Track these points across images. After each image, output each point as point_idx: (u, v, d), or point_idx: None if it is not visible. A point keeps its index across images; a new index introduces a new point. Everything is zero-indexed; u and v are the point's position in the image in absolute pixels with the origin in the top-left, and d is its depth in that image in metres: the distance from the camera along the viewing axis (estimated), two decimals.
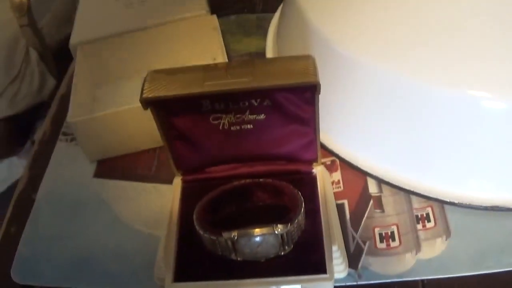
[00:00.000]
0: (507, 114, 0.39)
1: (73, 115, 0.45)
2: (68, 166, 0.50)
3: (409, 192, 0.44)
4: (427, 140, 0.42)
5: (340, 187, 0.45)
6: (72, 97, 0.47)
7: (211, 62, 0.54)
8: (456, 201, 0.43)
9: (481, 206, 0.43)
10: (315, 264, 0.39)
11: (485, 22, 0.41)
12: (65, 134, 0.53)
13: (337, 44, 0.43)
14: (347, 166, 0.46)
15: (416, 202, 0.44)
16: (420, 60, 0.40)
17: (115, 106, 0.46)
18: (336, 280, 0.39)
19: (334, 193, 0.45)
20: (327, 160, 0.47)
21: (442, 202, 0.44)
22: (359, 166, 0.45)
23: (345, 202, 0.45)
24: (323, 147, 0.46)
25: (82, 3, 0.60)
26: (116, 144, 0.48)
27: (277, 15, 0.59)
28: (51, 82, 1.03)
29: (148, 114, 0.39)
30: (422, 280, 0.41)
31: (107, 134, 0.47)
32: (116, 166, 0.49)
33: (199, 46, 0.53)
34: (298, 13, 0.47)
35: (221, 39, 0.52)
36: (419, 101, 0.41)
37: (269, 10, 0.61)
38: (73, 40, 0.56)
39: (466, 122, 0.40)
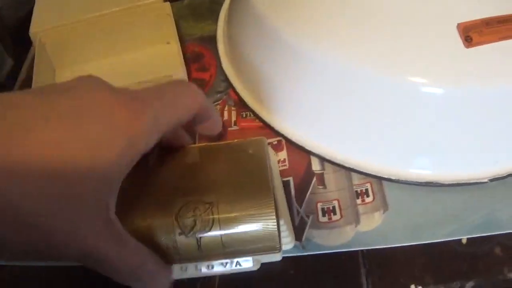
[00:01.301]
0: (442, 99, 0.42)
1: None
2: None
3: (349, 170, 0.47)
4: (366, 121, 0.45)
5: (286, 165, 0.48)
6: (33, 84, 0.49)
7: (165, 45, 0.56)
8: (392, 177, 0.46)
9: (416, 182, 0.46)
10: None
11: (422, 12, 0.43)
12: None
13: (282, 31, 0.46)
14: (292, 146, 0.49)
15: (356, 179, 0.47)
16: (359, 46, 0.43)
17: None
18: (283, 252, 0.42)
19: (280, 171, 0.47)
20: (274, 140, 0.50)
21: (380, 178, 0.46)
22: (303, 145, 0.48)
23: (291, 179, 0.47)
24: (271, 128, 0.49)
25: None
26: None
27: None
28: (8, 62, 1.03)
29: None
30: (362, 250, 0.44)
31: None
32: None
33: (154, 31, 0.55)
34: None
35: (174, 24, 0.54)
36: (359, 86, 0.43)
37: None
38: (32, 29, 0.57)
39: (403, 106, 0.43)
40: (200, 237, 0.38)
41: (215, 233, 0.38)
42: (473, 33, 0.42)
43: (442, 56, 0.42)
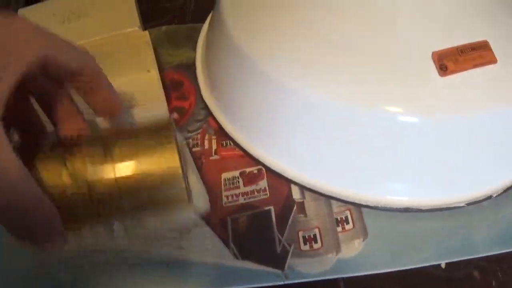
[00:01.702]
0: (418, 127, 0.43)
1: None
2: None
3: (329, 197, 0.48)
4: (344, 150, 0.46)
5: (267, 194, 0.49)
6: None
7: (145, 73, 0.56)
8: (371, 204, 0.46)
9: (394, 208, 0.47)
10: None
11: (396, 42, 0.44)
12: None
13: (259, 61, 0.46)
14: (272, 174, 0.49)
15: (335, 207, 0.48)
16: (335, 77, 0.44)
17: None
18: (264, 280, 0.43)
19: (261, 200, 0.48)
20: (254, 169, 0.50)
21: (359, 206, 0.47)
22: (283, 174, 0.48)
23: (271, 208, 0.48)
24: (251, 156, 0.50)
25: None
26: None
27: (205, 26, 0.61)
28: None
29: None
30: (343, 278, 0.44)
31: None
32: None
33: (133, 60, 0.55)
34: (222, 28, 0.50)
35: (153, 52, 0.55)
36: (335, 116, 0.44)
37: (199, 20, 0.63)
38: None
39: (379, 135, 0.44)
40: (91, 181, 0.33)
41: (108, 174, 0.33)
42: (448, 61, 0.43)
43: (418, 85, 0.43)
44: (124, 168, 0.33)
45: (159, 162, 0.33)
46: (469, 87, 0.43)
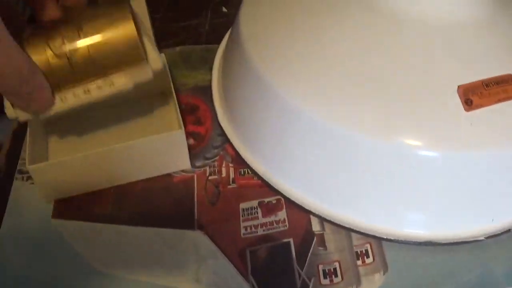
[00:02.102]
0: (441, 162, 0.43)
1: (30, 161, 0.47)
2: (26, 207, 0.51)
3: (349, 230, 0.47)
4: (364, 183, 0.45)
5: (286, 226, 0.48)
6: (28, 144, 0.48)
7: (161, 97, 0.55)
8: (392, 238, 0.46)
9: (415, 241, 0.46)
10: None
11: (415, 74, 0.44)
12: (21, 172, 0.53)
13: (280, 90, 0.46)
14: (292, 205, 0.49)
15: (355, 239, 0.47)
16: (359, 110, 0.43)
17: (71, 153, 0.47)
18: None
19: (279, 232, 0.48)
20: (273, 199, 0.49)
21: (379, 239, 0.47)
22: (302, 205, 0.48)
23: (291, 240, 0.47)
24: (269, 186, 0.49)
25: None
26: (72, 186, 0.50)
27: (221, 48, 0.61)
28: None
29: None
30: None
31: (63, 177, 0.48)
32: (73, 206, 0.50)
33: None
34: (241, 53, 0.50)
35: (169, 75, 0.54)
36: (358, 149, 0.44)
37: (213, 41, 0.63)
38: None
39: (401, 168, 0.43)
40: (70, 53, 0.42)
41: (82, 45, 0.42)
42: (473, 96, 0.43)
43: (442, 119, 0.43)
44: (93, 40, 0.42)
45: (119, 31, 0.43)
46: (492, 122, 0.43)
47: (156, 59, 0.45)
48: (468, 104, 0.42)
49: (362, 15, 0.47)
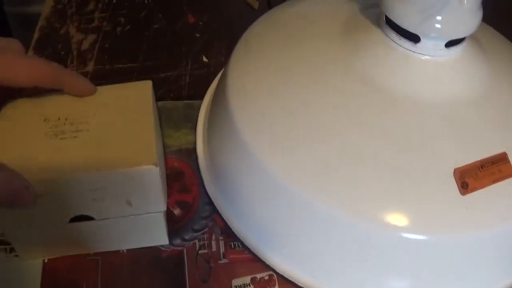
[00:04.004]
0: (434, 245, 0.43)
1: None
2: (14, 281, 0.49)
3: None
4: (357, 263, 0.45)
5: None
6: None
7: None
8: None
9: None
10: None
11: (409, 154, 0.44)
12: (2, 243, 0.51)
13: (269, 166, 0.45)
14: (285, 281, 0.48)
15: None
16: (351, 191, 0.43)
17: None
18: None
19: None
20: (265, 275, 0.49)
21: None
22: (296, 281, 0.47)
23: None
24: (262, 262, 0.48)
25: None
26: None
27: (204, 106, 0.60)
28: None
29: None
30: None
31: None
32: (61, 281, 0.48)
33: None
34: (229, 124, 0.49)
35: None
36: (347, 229, 0.43)
37: (195, 95, 0.62)
38: None
39: (394, 251, 0.44)
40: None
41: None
42: (469, 178, 0.43)
43: (439, 203, 0.43)
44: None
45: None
46: (488, 204, 0.43)
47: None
48: (464, 187, 0.42)
49: (356, 90, 0.46)
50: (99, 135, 0.45)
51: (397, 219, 0.42)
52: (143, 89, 0.50)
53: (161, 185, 0.45)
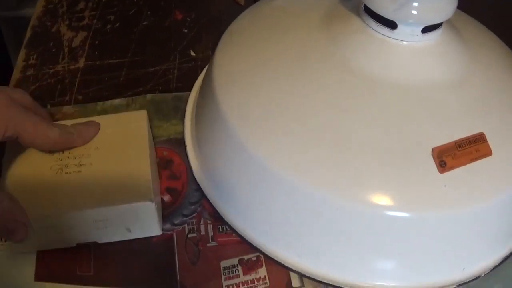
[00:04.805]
0: (411, 221, 0.45)
1: None
2: (8, 269, 0.50)
3: (327, 285, 0.48)
4: (339, 241, 0.47)
5: (267, 283, 0.49)
6: None
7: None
8: None
9: None
10: None
11: (390, 136, 0.46)
12: None
13: (255, 150, 0.47)
14: (271, 262, 0.49)
15: None
16: (333, 172, 0.45)
17: None
18: None
19: None
20: (252, 256, 0.50)
21: None
22: (282, 262, 0.49)
23: None
24: (248, 243, 0.50)
25: None
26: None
27: (192, 97, 0.61)
28: None
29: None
30: None
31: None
32: (55, 268, 0.50)
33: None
34: (215, 111, 0.50)
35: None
36: (332, 210, 0.45)
37: (183, 88, 0.64)
38: None
39: (375, 228, 0.45)
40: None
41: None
42: (447, 157, 0.44)
43: (418, 181, 0.45)
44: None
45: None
46: (464, 182, 0.45)
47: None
48: (442, 166, 0.44)
49: (336, 76, 0.48)
50: (101, 170, 0.50)
51: (378, 198, 0.44)
52: (139, 120, 0.54)
53: (157, 214, 0.49)
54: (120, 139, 0.52)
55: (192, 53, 0.70)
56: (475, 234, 0.47)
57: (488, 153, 0.46)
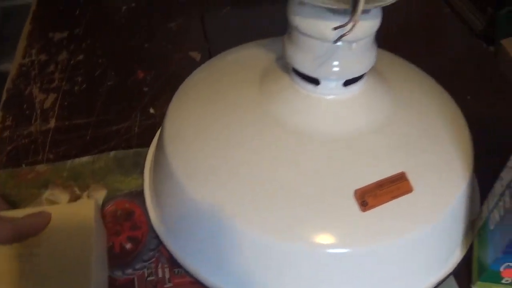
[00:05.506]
0: (349, 257, 0.50)
1: None
2: None
3: None
4: (284, 280, 0.52)
5: None
6: None
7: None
8: None
9: None
10: None
11: (319, 182, 0.51)
12: None
13: (202, 202, 0.52)
14: None
15: None
16: (271, 217, 0.50)
17: None
18: None
19: None
20: None
21: None
22: None
23: None
24: (202, 284, 0.55)
25: None
26: None
27: (150, 153, 0.67)
28: None
29: None
30: None
31: None
32: None
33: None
34: (167, 169, 0.56)
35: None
36: (274, 252, 0.50)
37: (144, 144, 0.70)
38: None
39: (309, 265, 0.50)
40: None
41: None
42: (368, 197, 0.50)
43: (343, 220, 0.50)
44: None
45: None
46: (386, 218, 0.50)
47: None
48: (364, 205, 0.50)
49: (270, 131, 0.54)
50: (46, 263, 0.53)
51: (308, 236, 0.49)
52: (87, 209, 0.58)
53: None
54: (67, 231, 0.55)
55: (152, 111, 0.76)
56: (399, 265, 0.53)
57: (409, 190, 0.51)
